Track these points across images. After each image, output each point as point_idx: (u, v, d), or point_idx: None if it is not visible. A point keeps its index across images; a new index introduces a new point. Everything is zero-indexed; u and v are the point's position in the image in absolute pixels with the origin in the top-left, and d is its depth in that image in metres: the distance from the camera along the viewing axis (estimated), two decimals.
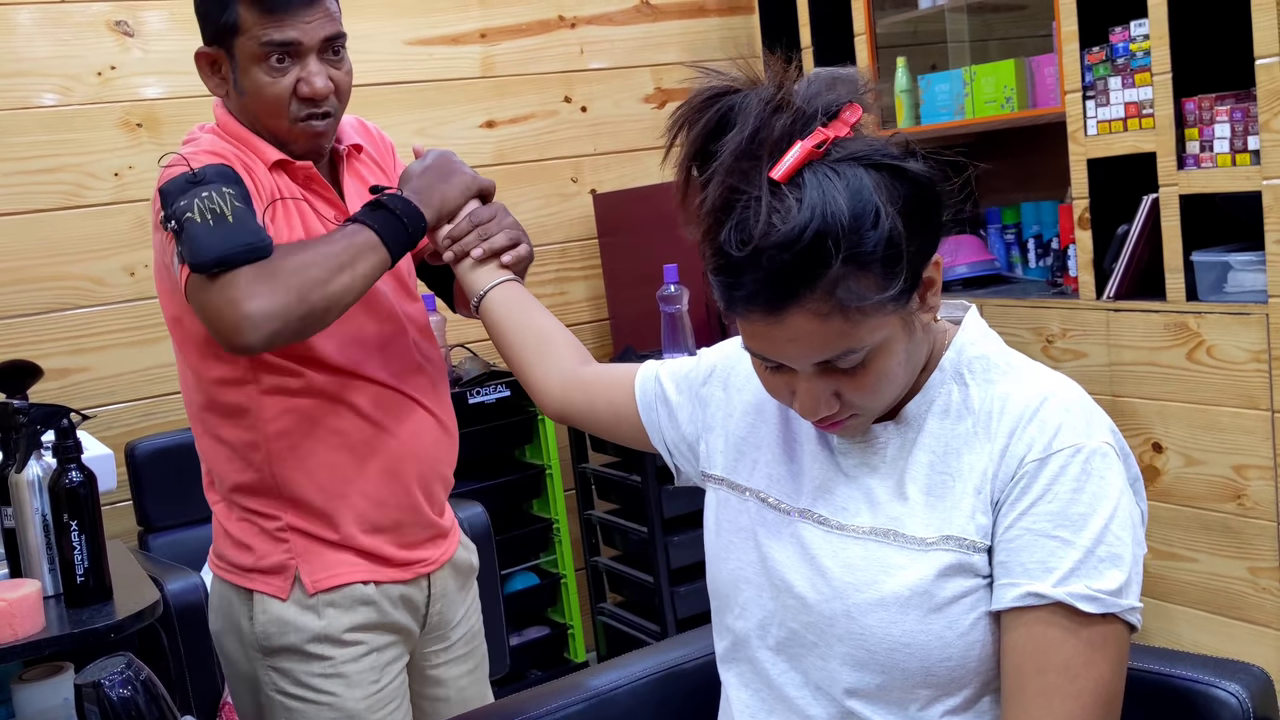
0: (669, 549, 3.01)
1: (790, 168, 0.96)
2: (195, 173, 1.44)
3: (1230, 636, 2.57)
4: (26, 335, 2.83)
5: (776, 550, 1.13)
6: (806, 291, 0.96)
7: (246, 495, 1.59)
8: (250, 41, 1.50)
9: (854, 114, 0.99)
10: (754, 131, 0.99)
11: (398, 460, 1.61)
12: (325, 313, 1.44)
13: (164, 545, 2.76)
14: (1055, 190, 3.07)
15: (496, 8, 3.37)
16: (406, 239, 1.50)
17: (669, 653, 1.52)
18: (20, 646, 1.64)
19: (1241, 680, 1.22)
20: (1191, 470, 2.57)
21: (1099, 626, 0.99)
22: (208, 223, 1.39)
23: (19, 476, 1.77)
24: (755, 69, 1.03)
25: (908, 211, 0.98)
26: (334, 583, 1.58)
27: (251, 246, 1.39)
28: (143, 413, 2.97)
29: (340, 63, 1.55)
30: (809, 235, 0.95)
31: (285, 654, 1.58)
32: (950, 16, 3.35)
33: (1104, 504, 1.00)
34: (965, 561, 1.04)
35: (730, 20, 3.72)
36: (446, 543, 1.72)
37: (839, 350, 1.00)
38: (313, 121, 1.54)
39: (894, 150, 1.00)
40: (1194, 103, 2.46)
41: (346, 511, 1.58)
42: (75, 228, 2.89)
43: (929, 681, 1.05)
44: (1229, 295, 2.46)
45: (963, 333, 1.11)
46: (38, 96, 2.84)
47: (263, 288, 1.37)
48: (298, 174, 1.58)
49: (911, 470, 1.08)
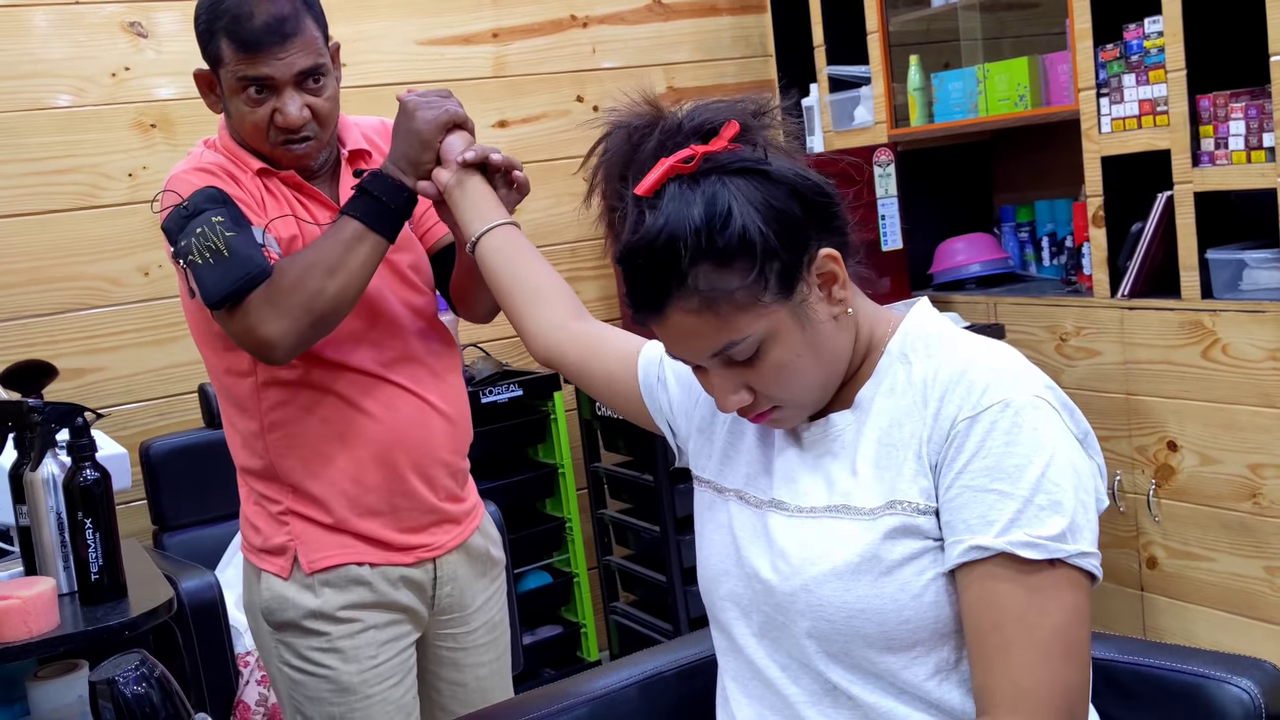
0: (681, 548, 3.00)
1: (651, 183, 1.06)
2: (185, 205, 1.54)
3: (1247, 635, 2.55)
4: (42, 335, 2.85)
5: (748, 542, 1.17)
6: (675, 291, 1.06)
7: (255, 479, 1.69)
8: (229, 74, 1.58)
9: (731, 130, 1.08)
10: (624, 156, 1.11)
11: (385, 448, 1.66)
12: (334, 314, 1.55)
13: (179, 544, 2.77)
14: (1069, 188, 3.06)
15: (508, 8, 3.37)
16: (393, 215, 1.56)
17: (681, 651, 1.52)
18: (35, 644, 1.65)
19: (1254, 676, 1.22)
20: (1207, 469, 2.56)
21: (1046, 573, 1.01)
22: (208, 262, 1.50)
23: (34, 475, 1.78)
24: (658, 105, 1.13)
25: (771, 210, 1.05)
26: (327, 564, 1.65)
27: (249, 275, 1.50)
28: (157, 412, 2.98)
29: (321, 90, 1.60)
30: (662, 239, 1.05)
31: (288, 629, 1.67)
32: (963, 14, 3.34)
33: (1039, 454, 1.02)
34: (910, 524, 1.07)
35: (742, 19, 3.71)
36: (457, 528, 1.75)
37: (721, 343, 1.07)
38: (291, 146, 1.61)
39: (758, 156, 1.07)
40: (1208, 100, 2.45)
41: (337, 496, 1.65)
42: (90, 228, 2.90)
43: (891, 645, 1.07)
44: (1244, 293, 2.44)
45: (908, 319, 1.16)
46: (52, 97, 2.85)
47: (270, 312, 1.51)
48: (287, 180, 1.65)
49: (862, 448, 1.12)
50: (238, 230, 1.52)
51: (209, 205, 1.54)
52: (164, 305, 2.97)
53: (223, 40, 1.56)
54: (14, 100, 2.81)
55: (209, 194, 1.55)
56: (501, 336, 3.29)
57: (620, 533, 3.30)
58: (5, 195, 2.81)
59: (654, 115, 1.12)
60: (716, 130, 1.09)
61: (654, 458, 3.01)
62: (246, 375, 1.63)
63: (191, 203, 1.54)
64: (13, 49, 2.81)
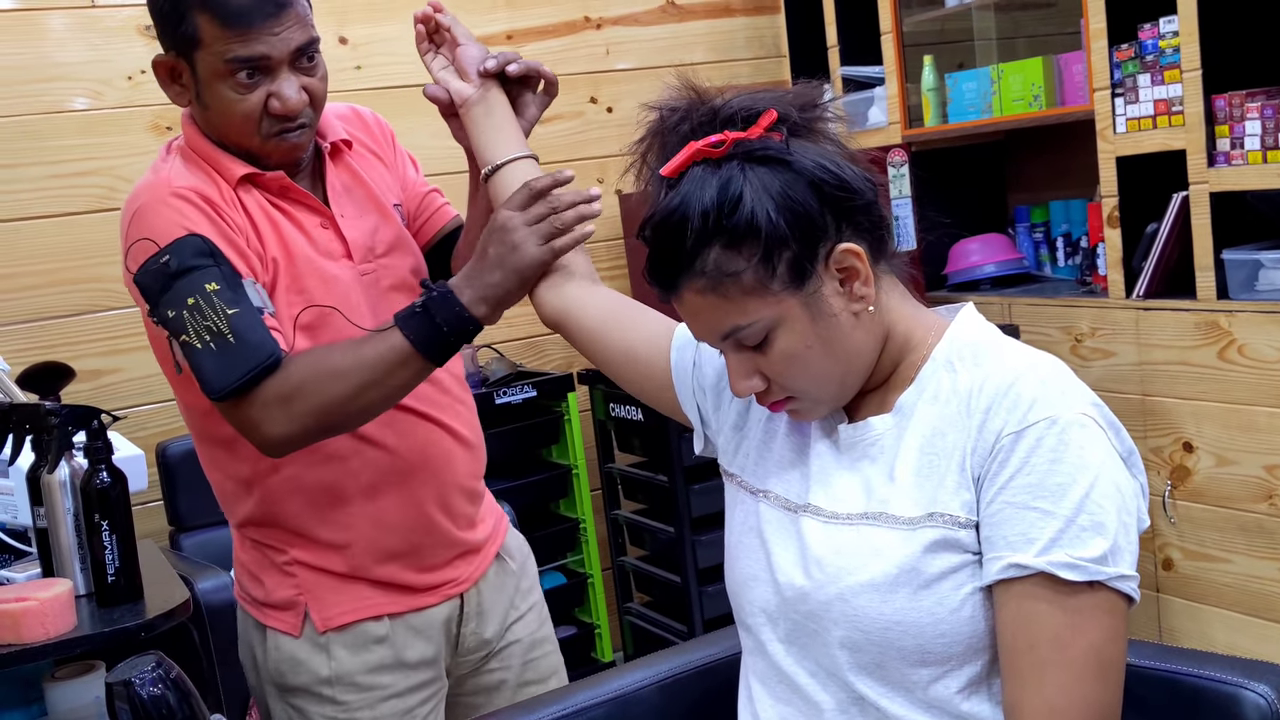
0: (696, 548, 3.00)
1: (676, 164, 1.08)
2: (167, 260, 1.33)
3: (1265, 637, 2.54)
4: (60, 337, 2.87)
5: (779, 546, 1.16)
6: (686, 269, 1.08)
7: (253, 527, 1.54)
8: (212, 57, 1.36)
9: (768, 118, 1.09)
10: (661, 139, 1.13)
11: (403, 482, 1.51)
12: (349, 425, 1.38)
13: (195, 545, 2.78)
14: (1084, 188, 3.04)
15: (522, 9, 3.38)
16: (451, 345, 1.36)
17: (696, 652, 1.51)
18: (52, 645, 1.65)
19: (1270, 681, 1.21)
20: (1224, 470, 2.55)
21: (1085, 595, 1.00)
22: (209, 347, 1.31)
23: (51, 477, 1.79)
24: (699, 91, 1.14)
25: (786, 199, 1.06)
26: (344, 620, 1.51)
27: (259, 367, 1.31)
28: (174, 414, 2.98)
29: (314, 69, 1.42)
30: (675, 218, 1.07)
31: (299, 694, 1.53)
32: (977, 14, 3.33)
33: (1083, 474, 1.01)
34: (951, 537, 1.05)
35: (756, 20, 3.71)
36: (479, 558, 1.62)
37: (728, 326, 1.09)
38: (286, 136, 1.42)
39: (782, 146, 1.07)
40: (1224, 99, 2.43)
41: (354, 541, 1.50)
42: (108, 230, 2.90)
43: (926, 659, 1.06)
44: (1260, 294, 2.43)
45: (954, 326, 1.14)
46: (70, 101, 2.87)
47: (280, 413, 1.32)
48: (271, 185, 1.46)
49: (902, 455, 1.10)
50: (238, 303, 1.32)
51: (198, 262, 1.32)
52: None
53: (199, 17, 1.34)
54: (33, 103, 2.83)
55: (195, 245, 1.33)
56: (516, 338, 3.30)
57: (635, 533, 3.30)
58: (25, 198, 2.83)
59: (694, 100, 1.12)
60: (755, 118, 1.09)
61: (669, 458, 3.00)
62: None
63: (175, 258, 1.32)
64: (31, 52, 2.83)
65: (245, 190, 1.44)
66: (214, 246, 1.35)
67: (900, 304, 1.15)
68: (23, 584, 1.77)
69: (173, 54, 1.41)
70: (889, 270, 1.15)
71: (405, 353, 1.34)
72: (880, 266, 1.13)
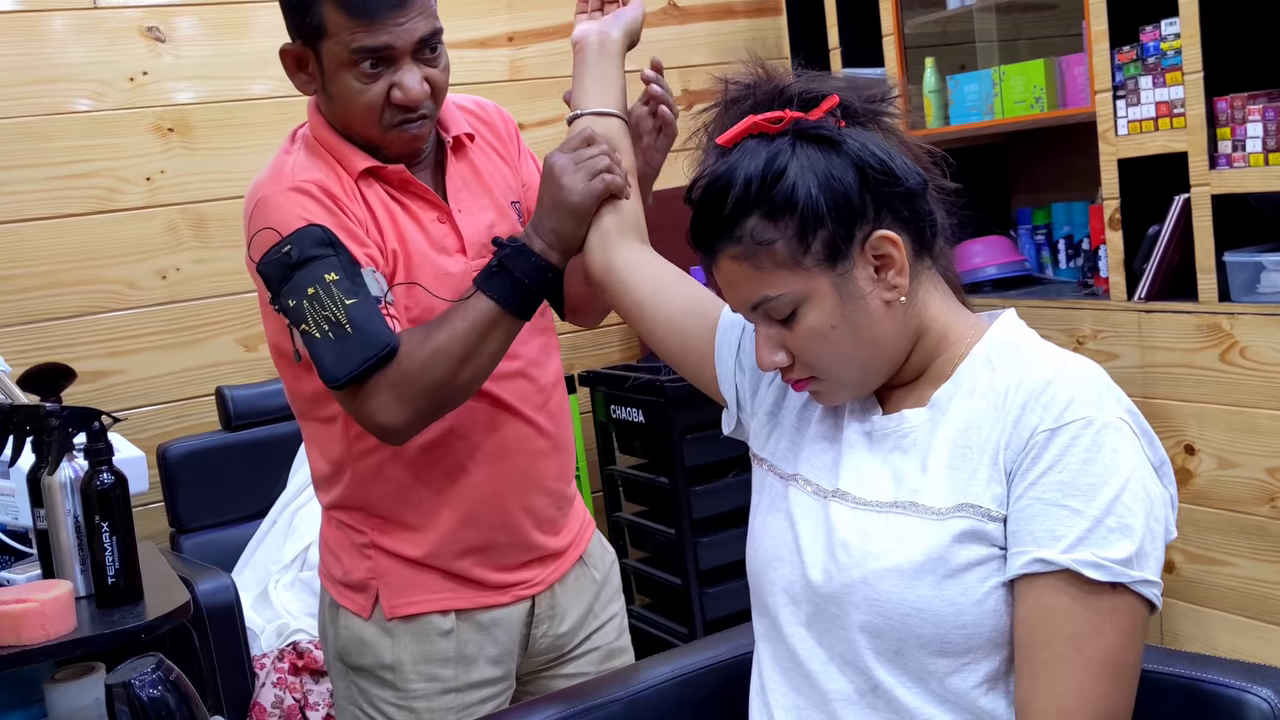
0: (698, 550, 3.00)
1: (732, 135, 1.12)
2: (288, 250, 1.36)
3: (1268, 641, 2.54)
4: (61, 338, 2.87)
5: (807, 530, 1.16)
6: (725, 234, 1.11)
7: (340, 509, 1.55)
8: (338, 46, 1.38)
9: (829, 102, 1.11)
10: (722, 111, 1.17)
11: (489, 475, 1.51)
12: (459, 398, 1.40)
13: (195, 546, 2.78)
14: (1086, 191, 3.04)
15: (524, 11, 3.38)
16: (535, 297, 1.39)
17: (698, 654, 1.51)
18: (52, 647, 1.65)
19: (1273, 685, 1.20)
20: (1226, 473, 2.54)
21: (1107, 597, 1.00)
22: (328, 337, 1.33)
23: (51, 479, 1.79)
24: (768, 70, 1.17)
25: (830, 179, 1.08)
26: (410, 610, 1.52)
27: (376, 357, 1.33)
28: (175, 415, 2.99)
29: (437, 59, 1.43)
30: (720, 183, 1.11)
31: (362, 673, 1.55)
32: (979, 16, 3.33)
33: (1115, 476, 1.01)
34: (980, 529, 1.05)
35: (758, 22, 3.71)
36: (558, 562, 1.60)
37: (757, 296, 1.11)
38: (407, 127, 1.43)
39: (834, 128, 1.10)
40: (1226, 102, 2.43)
41: (431, 533, 1.50)
42: (109, 232, 2.92)
43: (945, 649, 1.06)
44: (1262, 296, 2.43)
45: (996, 326, 1.16)
46: (72, 102, 2.87)
47: (393, 398, 1.34)
48: (391, 178, 1.47)
49: (935, 447, 1.11)
50: (356, 293, 1.34)
51: (318, 252, 1.35)
52: (182, 308, 2.98)
53: (326, 7, 1.36)
54: (34, 105, 2.83)
55: (315, 236, 1.36)
56: None
57: (636, 535, 3.30)
58: (26, 199, 2.83)
59: (761, 78, 1.15)
60: (818, 101, 1.11)
61: (670, 460, 3.00)
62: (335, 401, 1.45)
63: (296, 248, 1.35)
64: (33, 53, 2.83)
65: (366, 183, 1.46)
66: (334, 236, 1.37)
67: (940, 302, 1.16)
68: (23, 585, 1.77)
69: (299, 43, 1.43)
70: (932, 268, 1.16)
71: (494, 314, 1.36)
72: (923, 262, 1.14)
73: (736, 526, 3.09)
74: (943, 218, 1.16)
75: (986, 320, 1.17)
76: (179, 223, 2.98)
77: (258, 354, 3.07)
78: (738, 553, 3.55)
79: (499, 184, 1.59)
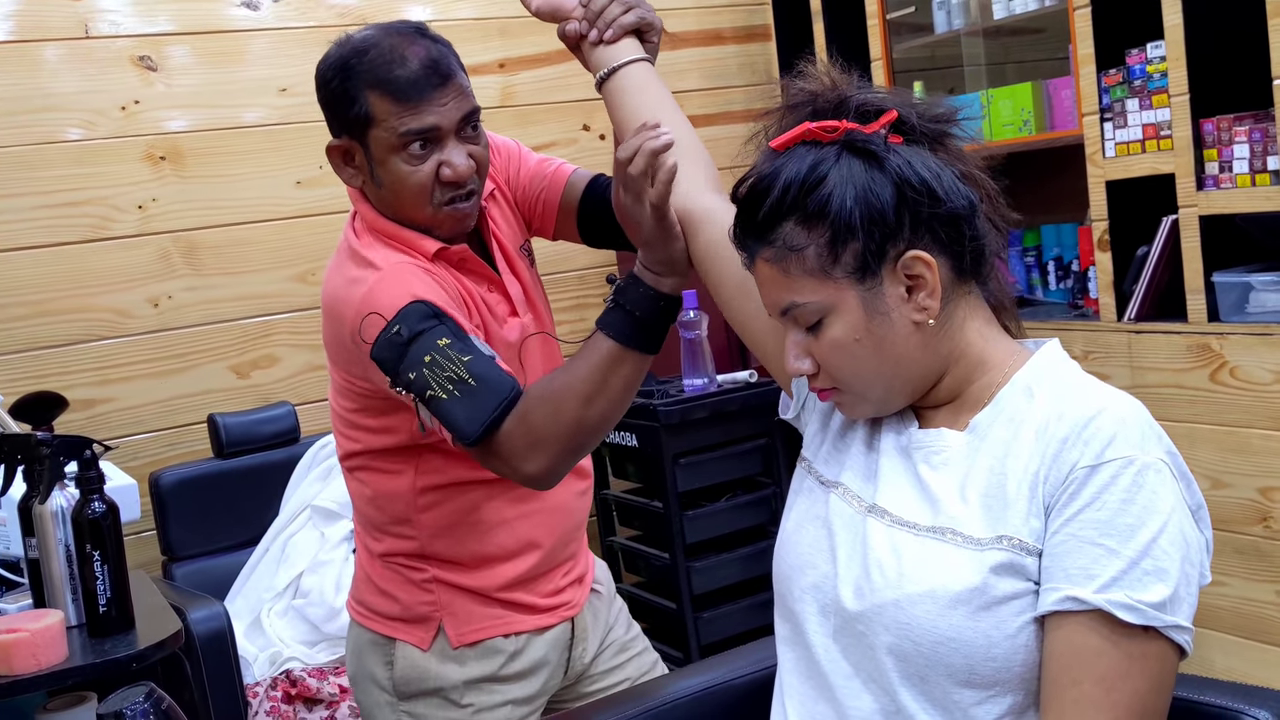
0: (691, 575, 3.00)
1: (785, 139, 1.12)
2: (398, 329, 1.37)
3: (1262, 662, 2.54)
4: (53, 367, 2.86)
5: (843, 542, 1.15)
6: (761, 236, 1.12)
7: (392, 542, 1.58)
8: (386, 133, 1.42)
9: (887, 117, 1.11)
10: (781, 114, 1.17)
11: (545, 524, 1.59)
12: (595, 438, 1.40)
13: (187, 574, 2.77)
14: (1075, 212, 3.06)
15: (516, 37, 3.40)
16: (651, 327, 1.37)
17: (694, 678, 1.51)
18: (44, 676, 1.65)
19: (1270, 707, 1.21)
20: (1218, 493, 2.55)
21: (1139, 640, 0.99)
22: (454, 395, 1.34)
23: (43, 508, 1.79)
24: (834, 79, 1.18)
25: (868, 193, 1.08)
26: (477, 637, 1.57)
27: (505, 401, 1.35)
28: (167, 443, 2.99)
29: (478, 137, 1.48)
30: (762, 184, 1.11)
31: (422, 698, 1.58)
32: (966, 40, 3.35)
33: (1153, 518, 1.00)
34: (1017, 562, 1.04)
35: (748, 47, 3.73)
36: (584, 585, 1.70)
37: (786, 301, 1.12)
38: (457, 204, 1.47)
39: (881, 143, 1.09)
40: (1212, 123, 2.45)
41: (492, 566, 1.56)
42: (100, 260, 2.92)
43: (972, 680, 1.05)
44: (1251, 316, 2.44)
45: (1039, 356, 1.14)
46: (63, 131, 2.88)
47: (527, 447, 1.35)
48: (453, 258, 1.51)
49: (974, 475, 1.09)
50: (469, 351, 1.36)
51: (426, 324, 1.37)
52: (173, 336, 2.98)
53: (372, 95, 1.41)
54: (26, 134, 2.84)
55: (420, 311, 1.38)
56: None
57: (630, 560, 3.29)
58: (18, 228, 2.83)
59: (826, 87, 1.16)
60: (877, 115, 1.11)
61: (663, 485, 3.00)
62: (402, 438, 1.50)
63: (404, 326, 1.37)
64: (25, 83, 2.84)
65: (438, 265, 1.49)
66: (437, 309, 1.39)
67: (981, 327, 1.14)
68: (14, 615, 1.76)
69: (345, 137, 1.46)
70: (974, 292, 1.14)
71: (614, 351, 1.36)
72: (963, 286, 1.13)
73: (729, 550, 3.09)
74: (996, 243, 1.16)
75: (1030, 349, 1.16)
76: (170, 251, 2.98)
77: (249, 381, 3.07)
78: (731, 577, 3.54)
79: (510, 238, 1.62)
